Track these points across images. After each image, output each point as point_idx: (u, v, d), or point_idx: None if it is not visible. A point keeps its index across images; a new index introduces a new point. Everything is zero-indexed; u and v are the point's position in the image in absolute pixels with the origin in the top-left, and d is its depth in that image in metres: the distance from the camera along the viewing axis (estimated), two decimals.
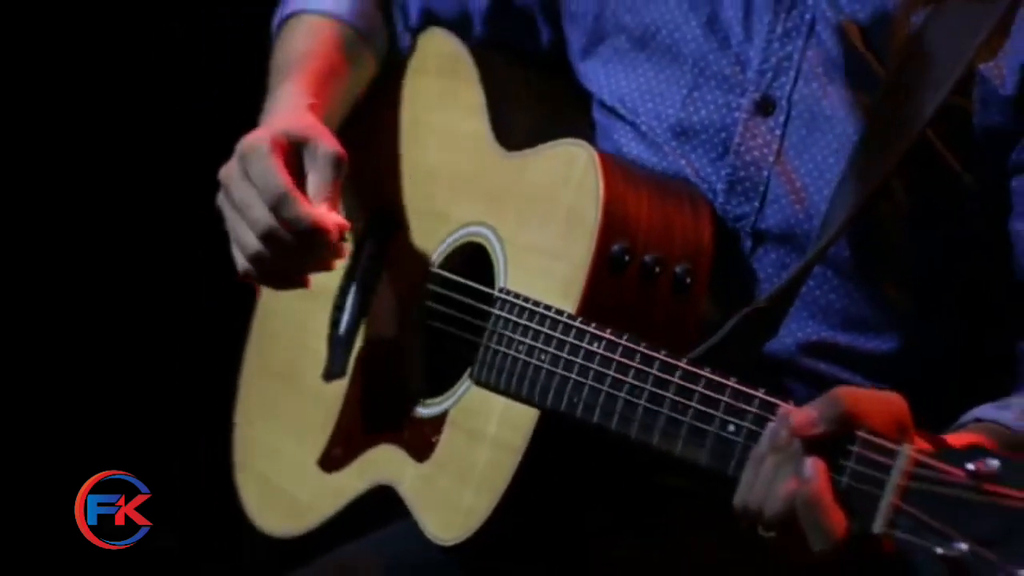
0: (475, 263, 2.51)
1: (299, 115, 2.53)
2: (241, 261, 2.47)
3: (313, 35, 2.71)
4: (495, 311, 2.39)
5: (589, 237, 2.33)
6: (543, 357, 2.31)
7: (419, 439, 2.49)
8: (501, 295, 2.40)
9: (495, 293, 2.42)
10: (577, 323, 2.28)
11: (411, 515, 2.47)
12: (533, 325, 2.33)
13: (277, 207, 2.41)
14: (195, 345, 3.76)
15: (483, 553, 2.40)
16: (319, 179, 2.45)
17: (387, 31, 2.77)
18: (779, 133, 2.40)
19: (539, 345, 2.32)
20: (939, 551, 1.84)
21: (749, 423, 2.08)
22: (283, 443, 2.76)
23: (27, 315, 3.76)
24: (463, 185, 2.59)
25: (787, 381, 2.39)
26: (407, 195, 2.69)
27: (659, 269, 2.34)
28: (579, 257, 2.33)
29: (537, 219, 2.42)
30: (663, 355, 2.19)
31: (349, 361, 2.67)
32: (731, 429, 2.10)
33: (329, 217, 2.42)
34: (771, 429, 2.04)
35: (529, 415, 2.33)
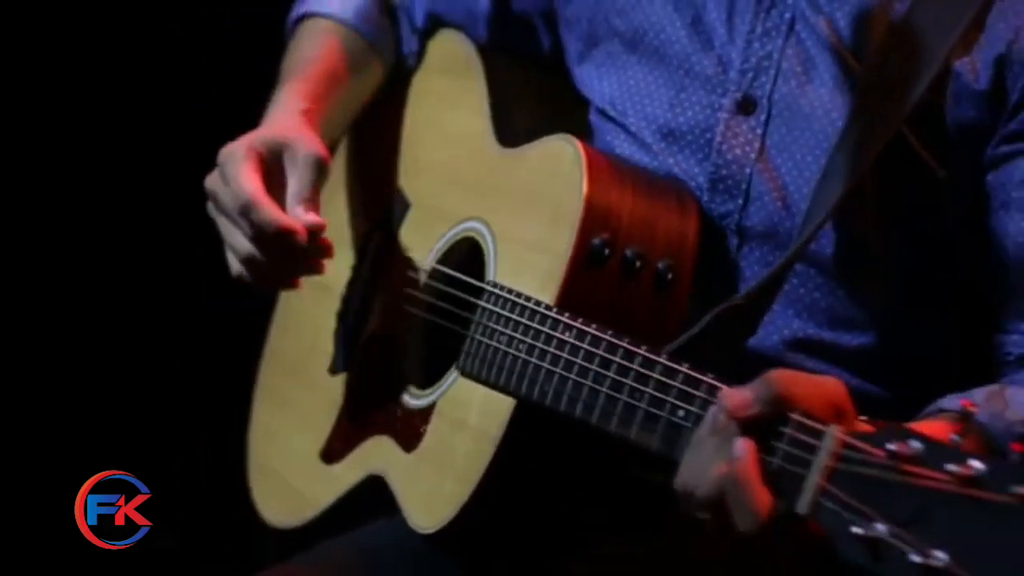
0: (471, 257, 2.54)
1: (286, 120, 2.58)
2: (235, 264, 2.53)
3: (317, 40, 2.76)
4: (482, 303, 2.42)
5: (571, 229, 2.34)
6: (520, 347, 2.32)
7: (409, 430, 2.52)
8: (488, 288, 2.42)
9: (483, 286, 2.44)
10: (551, 313, 2.29)
11: (396, 510, 2.49)
12: (514, 316, 2.35)
13: (245, 213, 2.45)
14: (195, 345, 3.78)
15: (462, 541, 2.41)
16: (297, 182, 2.50)
17: (393, 34, 2.82)
18: (760, 132, 2.40)
19: (517, 335, 2.33)
20: (859, 532, 1.81)
21: (696, 408, 2.08)
22: (292, 436, 2.80)
23: (27, 315, 3.76)
24: (462, 181, 2.63)
25: None
26: (413, 192, 2.73)
27: (640, 264, 2.35)
28: (560, 249, 2.35)
29: (526, 213, 2.44)
30: (626, 343, 2.19)
31: (353, 355, 2.72)
32: (680, 414, 2.10)
33: (298, 220, 2.45)
34: (711, 412, 2.04)
35: (506, 404, 2.35)
